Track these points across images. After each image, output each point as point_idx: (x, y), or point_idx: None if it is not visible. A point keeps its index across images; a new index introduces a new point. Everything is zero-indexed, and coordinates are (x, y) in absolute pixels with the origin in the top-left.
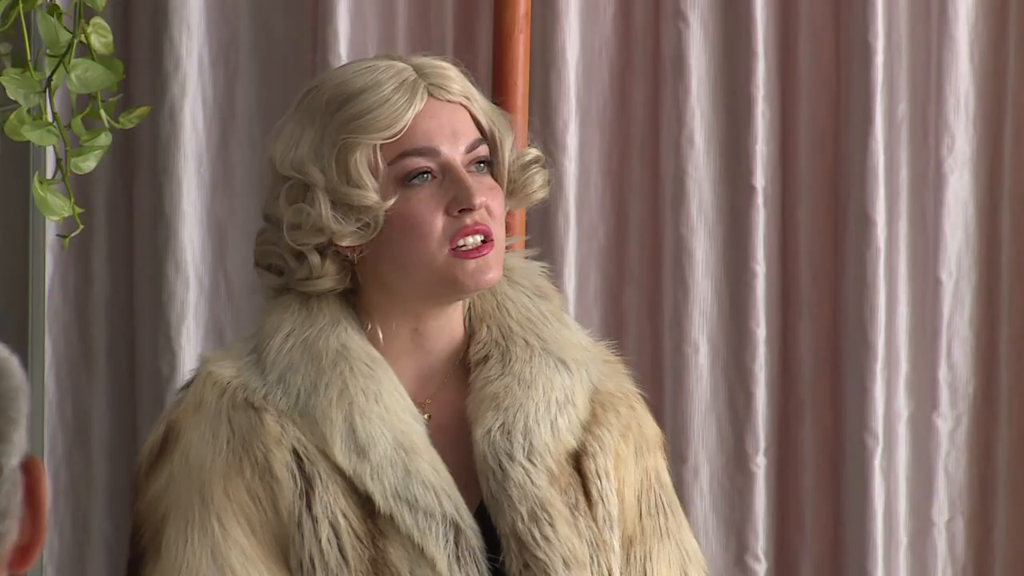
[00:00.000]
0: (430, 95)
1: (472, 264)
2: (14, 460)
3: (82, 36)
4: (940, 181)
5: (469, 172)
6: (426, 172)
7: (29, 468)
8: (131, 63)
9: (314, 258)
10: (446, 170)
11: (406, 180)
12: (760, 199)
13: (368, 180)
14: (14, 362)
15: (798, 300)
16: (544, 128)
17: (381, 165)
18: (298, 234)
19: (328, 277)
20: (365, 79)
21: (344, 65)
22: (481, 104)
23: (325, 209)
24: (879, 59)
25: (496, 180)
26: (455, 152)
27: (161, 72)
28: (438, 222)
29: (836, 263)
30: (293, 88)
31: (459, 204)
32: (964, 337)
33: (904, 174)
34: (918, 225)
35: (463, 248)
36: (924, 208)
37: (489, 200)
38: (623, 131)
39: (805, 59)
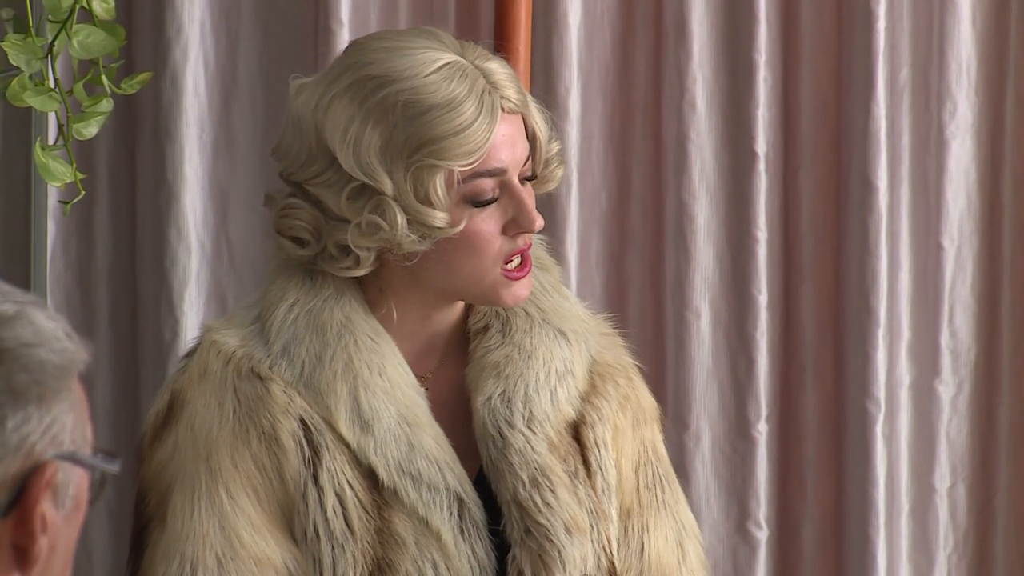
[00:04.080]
0: (501, 108)
1: (516, 285)
2: None
3: (84, 2)
4: (942, 147)
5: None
6: (494, 192)
7: (34, 469)
8: (133, 28)
9: (364, 255)
10: (506, 187)
11: (475, 200)
12: (762, 165)
13: (444, 201)
14: (14, 364)
15: (800, 266)
16: (546, 94)
17: (456, 184)
18: (361, 238)
19: (365, 267)
20: (444, 92)
21: (411, 53)
22: (532, 108)
23: (400, 225)
24: (881, 24)
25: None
26: (515, 169)
27: (163, 37)
28: (497, 242)
29: (838, 229)
30: (295, 53)
31: (519, 227)
32: (966, 303)
33: (906, 140)
34: (920, 191)
35: (510, 268)
36: (926, 174)
37: None
38: (625, 96)
39: (807, 24)
